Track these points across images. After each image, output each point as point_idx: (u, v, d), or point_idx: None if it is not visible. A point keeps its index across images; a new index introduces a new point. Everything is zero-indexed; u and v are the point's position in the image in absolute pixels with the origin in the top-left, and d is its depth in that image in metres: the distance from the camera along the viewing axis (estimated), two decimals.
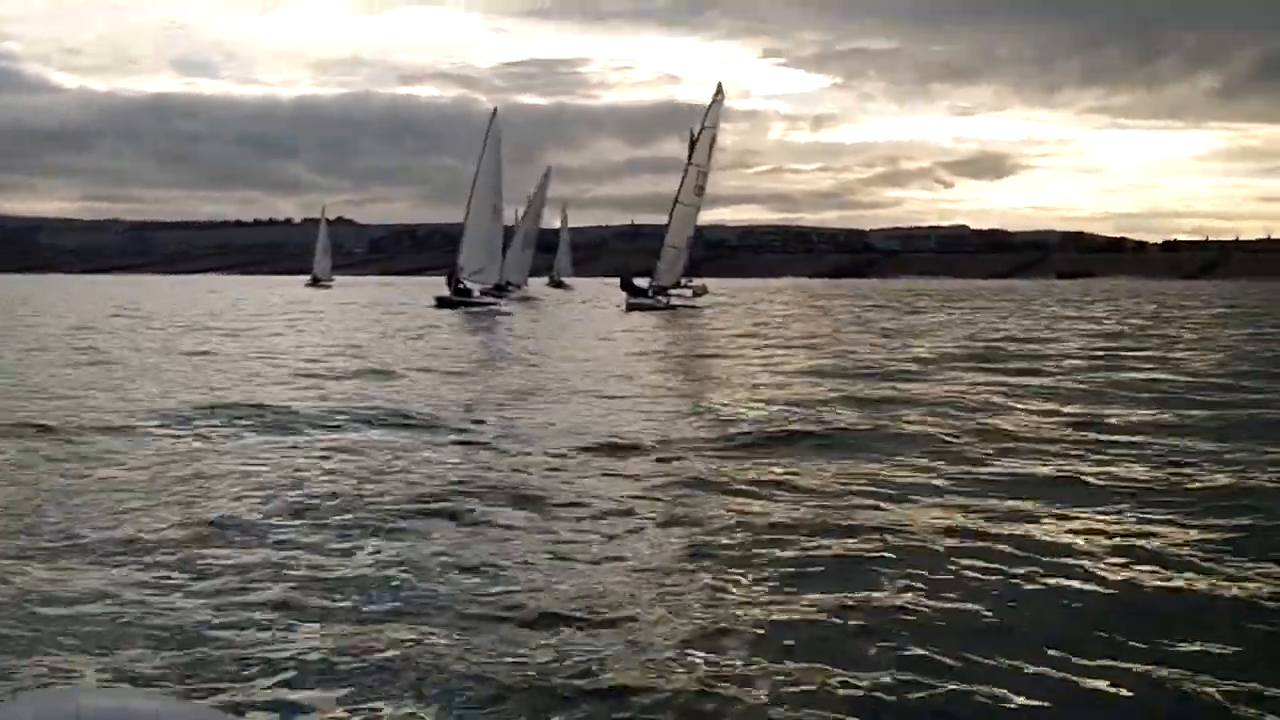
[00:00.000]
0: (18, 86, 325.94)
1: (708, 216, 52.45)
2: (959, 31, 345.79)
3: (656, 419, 13.35)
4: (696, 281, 53.82)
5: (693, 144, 51.83)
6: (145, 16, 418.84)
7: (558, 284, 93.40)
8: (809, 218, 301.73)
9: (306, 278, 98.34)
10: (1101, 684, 4.88)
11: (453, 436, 11.69)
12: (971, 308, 55.42)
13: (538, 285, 79.59)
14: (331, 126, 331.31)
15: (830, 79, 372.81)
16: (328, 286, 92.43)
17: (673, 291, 50.63)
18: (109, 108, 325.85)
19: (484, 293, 51.32)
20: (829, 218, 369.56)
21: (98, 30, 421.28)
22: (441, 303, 47.61)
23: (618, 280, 53.63)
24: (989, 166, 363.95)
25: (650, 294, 49.73)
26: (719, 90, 53.21)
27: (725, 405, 14.93)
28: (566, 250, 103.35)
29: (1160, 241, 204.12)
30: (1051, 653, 5.14)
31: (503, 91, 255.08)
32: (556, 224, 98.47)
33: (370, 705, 4.57)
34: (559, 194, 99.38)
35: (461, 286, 48.88)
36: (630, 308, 47.99)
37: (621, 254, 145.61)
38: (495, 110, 53.09)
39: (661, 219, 54.14)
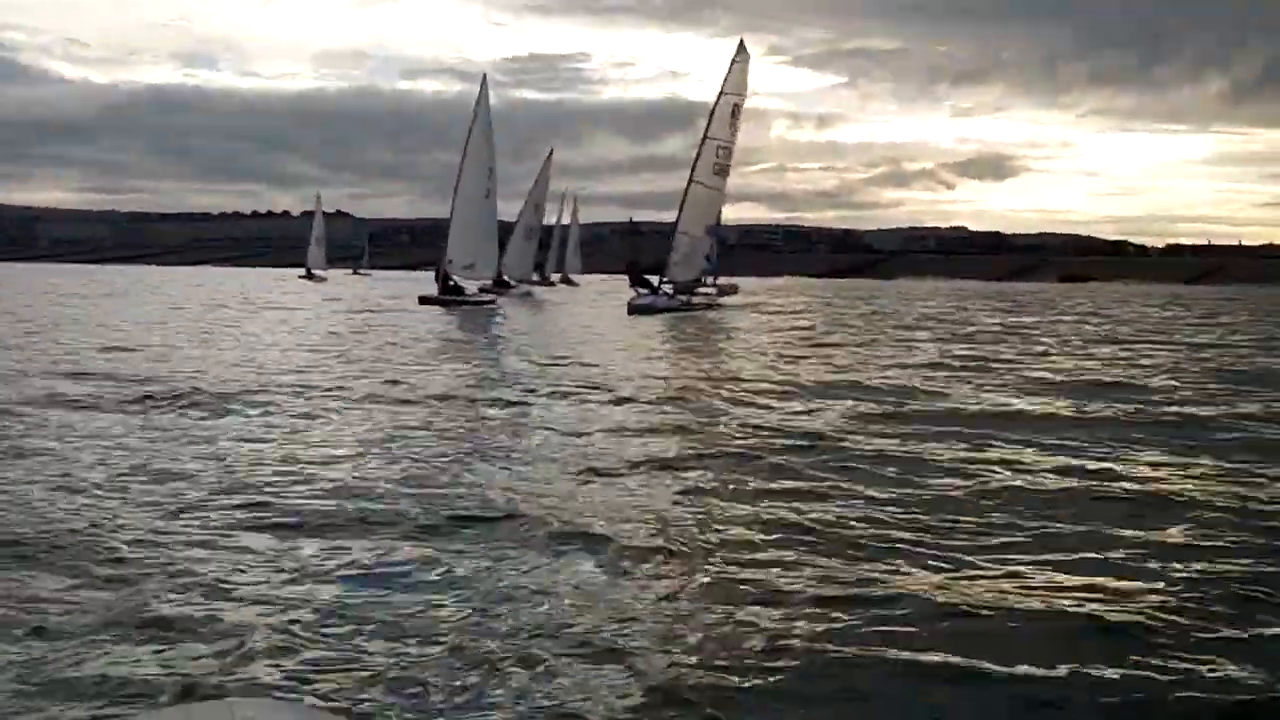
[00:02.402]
0: (19, 77, 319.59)
1: None
2: (964, 33, 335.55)
3: None
4: (722, 280, 44.39)
5: (711, 114, 42.09)
6: (147, 8, 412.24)
7: (566, 280, 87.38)
8: (809, 217, 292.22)
9: (301, 270, 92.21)
10: None
11: None
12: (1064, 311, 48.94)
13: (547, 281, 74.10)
14: (332, 120, 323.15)
15: (834, 78, 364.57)
16: (322, 280, 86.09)
17: (701, 290, 41.76)
18: (109, 100, 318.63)
19: (482, 290, 45.24)
20: (828, 217, 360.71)
21: (100, 21, 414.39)
22: (426, 301, 41.02)
23: (626, 274, 44.30)
24: (990, 168, 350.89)
25: (658, 291, 39.62)
26: (740, 48, 43.33)
27: None
28: (575, 247, 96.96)
29: (1162, 246, 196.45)
30: None
31: (502, 86, 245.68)
32: (559, 219, 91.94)
33: None
34: (561, 188, 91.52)
35: (452, 283, 42.49)
36: (633, 310, 37.39)
37: (618, 254, 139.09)
38: (485, 76, 46.42)
39: (661, 216, 46.76)
